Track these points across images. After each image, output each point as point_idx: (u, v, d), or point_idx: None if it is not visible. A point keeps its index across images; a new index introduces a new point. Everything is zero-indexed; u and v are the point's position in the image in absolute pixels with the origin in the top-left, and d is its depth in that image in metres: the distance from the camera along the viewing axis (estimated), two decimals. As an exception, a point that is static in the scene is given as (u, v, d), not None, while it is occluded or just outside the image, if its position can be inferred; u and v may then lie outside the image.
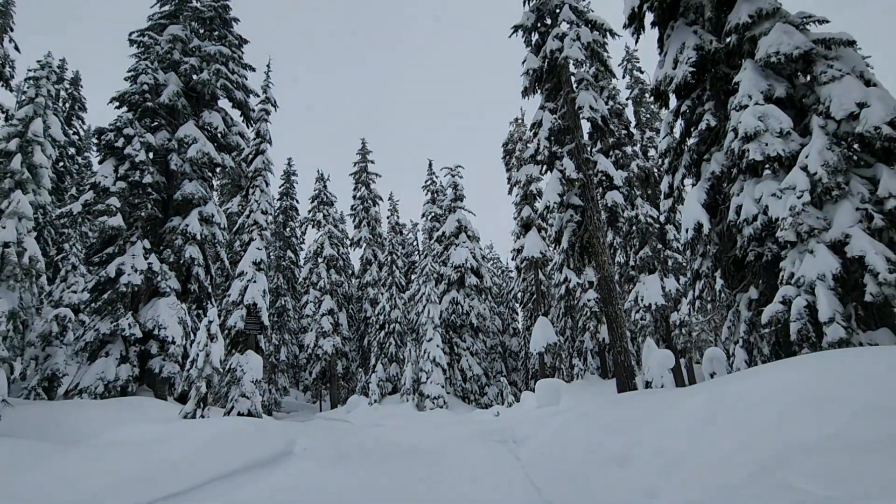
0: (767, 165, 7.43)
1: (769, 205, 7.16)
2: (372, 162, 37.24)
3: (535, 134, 15.21)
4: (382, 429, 19.63)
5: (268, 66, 15.73)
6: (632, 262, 19.56)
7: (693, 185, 9.24)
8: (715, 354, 9.81)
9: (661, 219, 10.14)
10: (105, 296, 16.01)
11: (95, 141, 17.31)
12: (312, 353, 31.27)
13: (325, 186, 35.48)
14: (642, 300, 18.39)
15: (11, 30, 26.95)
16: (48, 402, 16.60)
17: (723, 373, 9.69)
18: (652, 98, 10.30)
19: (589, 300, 17.36)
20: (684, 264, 19.00)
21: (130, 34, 20.32)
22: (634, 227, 19.18)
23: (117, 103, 18.47)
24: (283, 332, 36.60)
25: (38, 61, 12.25)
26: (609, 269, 13.50)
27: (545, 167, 15.33)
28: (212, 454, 7.33)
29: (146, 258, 16.68)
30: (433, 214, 36.12)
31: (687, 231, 8.61)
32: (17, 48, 26.96)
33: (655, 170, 20.54)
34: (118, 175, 16.98)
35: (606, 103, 18.03)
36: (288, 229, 39.30)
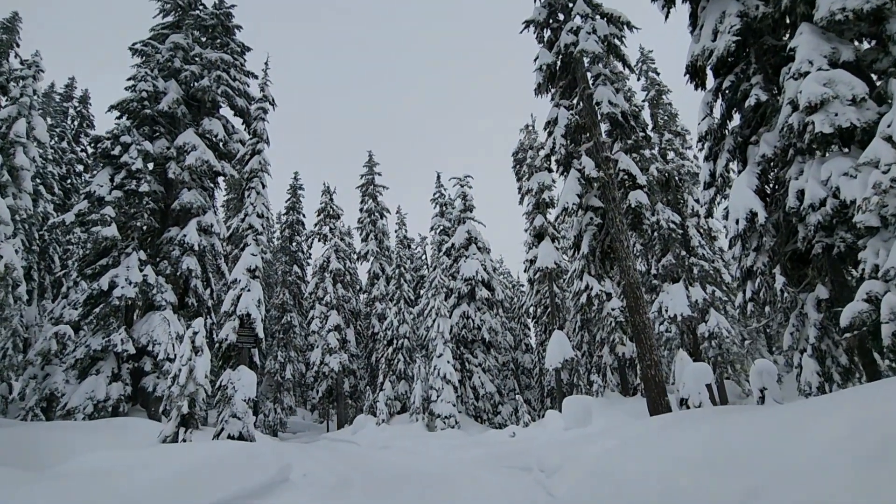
0: (835, 141, 6.40)
1: (841, 186, 6.11)
2: (379, 174, 36.58)
3: (550, 133, 14.29)
4: (390, 451, 18.42)
5: (265, 63, 15.12)
6: (653, 271, 18.42)
7: (739, 171, 8.19)
8: (765, 367, 8.67)
9: (702, 212, 9.10)
10: (97, 310, 15.19)
11: (91, 150, 16.70)
12: (319, 370, 30.16)
13: (331, 199, 34.79)
14: (666, 311, 17.20)
15: (18, 45, 26.85)
16: (32, 423, 15.67)
17: (775, 388, 8.54)
18: (687, 77, 9.33)
19: (613, 309, 16.20)
20: (711, 272, 17.81)
21: (133, 44, 19.92)
22: (656, 234, 18.08)
23: (117, 112, 17.91)
24: (289, 349, 35.59)
25: (24, 61, 11.63)
26: (634, 276, 12.39)
27: (561, 168, 14.36)
28: (187, 486, 6.29)
29: (141, 270, 15.87)
30: (442, 227, 35.24)
31: (737, 222, 7.53)
32: (22, 62, 26.82)
33: (676, 174, 19.50)
34: (114, 184, 16.30)
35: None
36: (294, 244, 38.59)
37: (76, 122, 35.28)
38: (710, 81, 8.82)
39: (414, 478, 10.80)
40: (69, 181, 30.25)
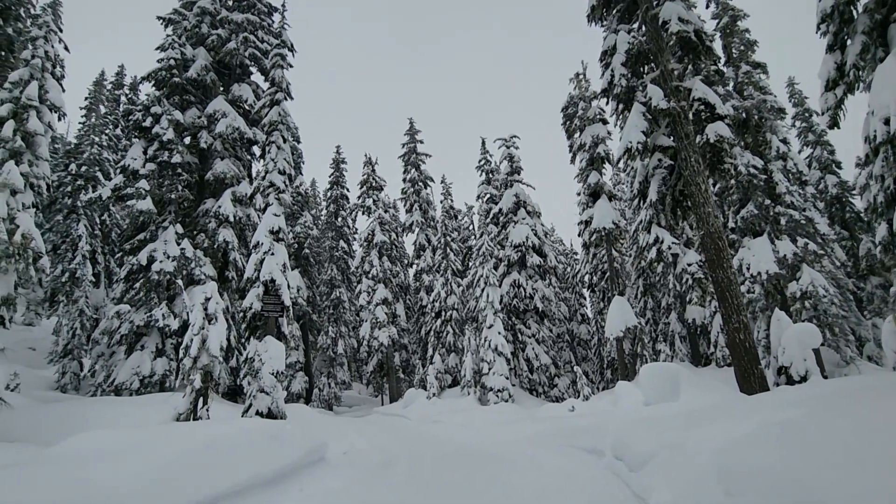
0: None
1: None
2: (421, 142, 35.16)
3: (607, 65, 12.29)
4: (440, 426, 17.49)
5: (283, 6, 13.89)
6: (731, 224, 16.10)
7: (881, 59, 6.15)
8: (910, 322, 6.79)
9: (825, 121, 7.11)
10: (137, 285, 14.95)
11: (124, 123, 16.39)
12: (369, 344, 29.75)
13: (373, 170, 33.85)
14: (748, 269, 14.98)
15: (60, 30, 27.14)
16: (84, 398, 15.86)
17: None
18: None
19: (689, 265, 14.11)
20: (803, 222, 15.30)
21: (159, 16, 19.32)
22: (733, 182, 15.71)
23: (151, 82, 17.41)
24: (340, 324, 35.50)
25: (33, 14, 10.98)
26: (715, 224, 10.42)
27: (621, 106, 12.39)
28: (182, 474, 5.35)
29: (178, 244, 15.46)
30: (489, 195, 33.54)
31: (886, 122, 5.57)
32: (66, 48, 27.06)
33: (756, 111, 16.84)
34: (147, 156, 15.87)
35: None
36: (339, 219, 38.16)
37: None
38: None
39: (465, 458, 9.66)
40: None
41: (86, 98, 37.04)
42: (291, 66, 18.56)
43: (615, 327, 19.89)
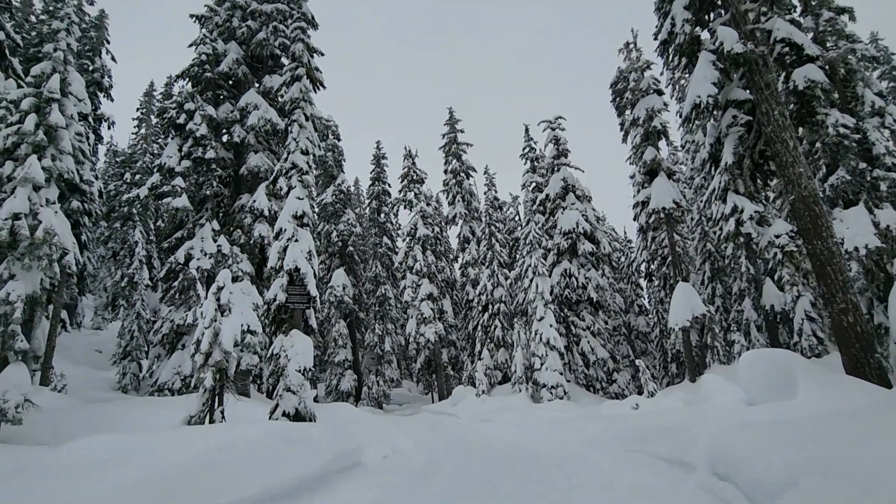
0: None
1: None
2: (461, 131, 34.07)
3: (666, 13, 10.72)
4: (491, 425, 16.38)
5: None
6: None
7: None
8: None
9: None
10: (176, 283, 14.75)
11: (159, 122, 16.33)
12: (416, 341, 29.01)
13: (413, 163, 33.07)
14: (841, 244, 12.87)
15: (108, 42, 27.96)
16: (123, 398, 15.87)
17: None
18: None
19: (777, 236, 12.19)
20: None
21: (191, 14, 19.22)
22: (819, 144, 13.62)
23: (186, 80, 17.29)
24: (386, 321, 35.01)
25: (51, 9, 10.75)
26: (809, 186, 8.70)
27: (684, 59, 10.78)
28: (193, 483, 4.53)
29: (215, 240, 15.15)
30: (535, 184, 31.97)
31: None
32: (113, 59, 27.83)
33: (842, 63, 14.58)
34: (182, 154, 15.68)
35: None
36: (382, 215, 37.71)
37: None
38: None
39: (518, 463, 8.51)
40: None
41: (137, 109, 38.41)
42: (319, 53, 17.91)
43: (680, 316, 18.01)
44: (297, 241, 9.00)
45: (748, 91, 9.84)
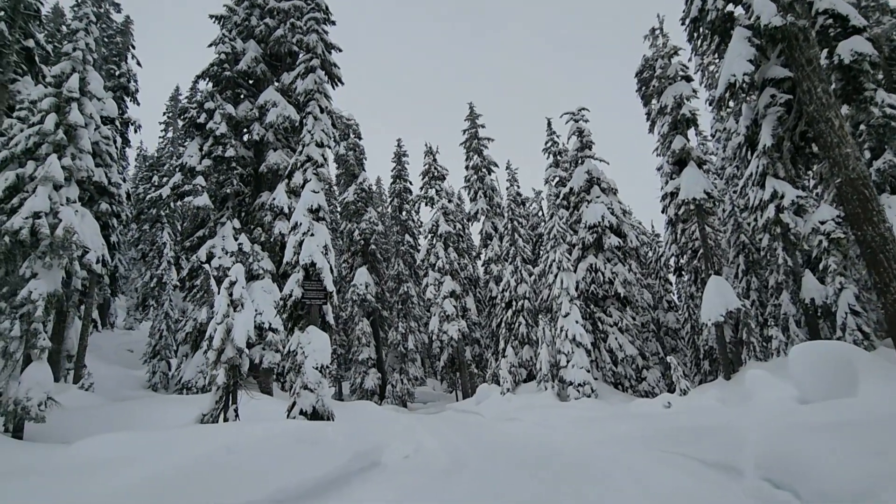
0: None
1: None
2: (482, 126, 33.63)
3: (696, -11, 10.12)
4: (516, 424, 15.96)
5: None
6: (863, 179, 13.08)
7: None
8: None
9: None
10: (198, 282, 14.82)
11: (181, 122, 16.43)
12: (438, 338, 28.75)
13: (434, 160, 32.80)
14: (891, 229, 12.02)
15: (133, 47, 28.50)
16: (148, 396, 16.01)
17: None
18: None
19: (822, 222, 11.37)
20: (967, 167, 12.08)
21: (211, 14, 19.34)
22: (864, 126, 12.77)
23: (206, 80, 17.38)
24: (409, 319, 34.86)
25: (72, 7, 10.79)
26: (857, 167, 8.04)
27: (716, 39, 10.16)
28: (202, 483, 4.32)
29: (236, 238, 15.16)
30: (558, 178, 31.31)
31: None
32: (139, 63, 28.36)
33: (886, 39, 13.66)
34: (203, 153, 15.74)
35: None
36: (404, 213, 37.57)
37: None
38: None
39: (543, 463, 8.14)
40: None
41: (163, 113, 39.17)
42: (337, 49, 17.74)
43: (713, 311, 17.25)
44: (312, 235, 8.79)
45: (787, 68, 9.19)
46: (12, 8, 13.23)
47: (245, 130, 17.09)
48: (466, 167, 33.48)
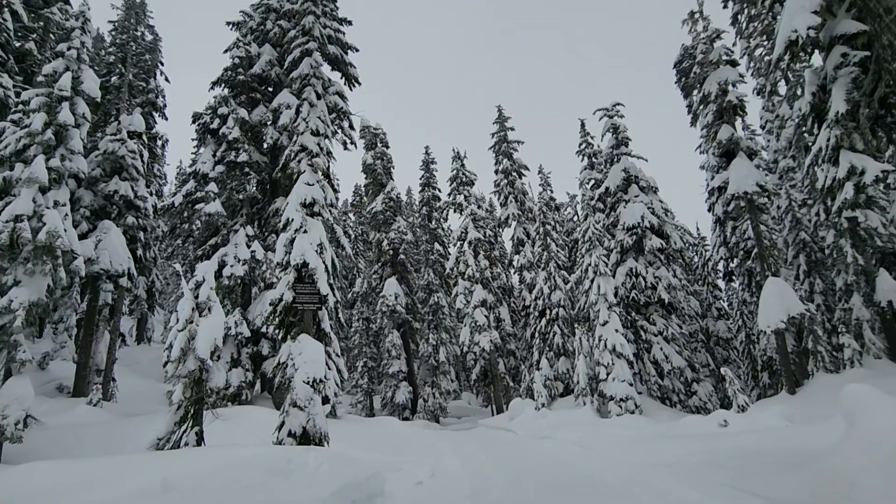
0: None
1: None
2: (511, 129, 32.49)
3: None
4: (551, 444, 14.47)
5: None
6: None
7: None
8: None
9: None
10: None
11: (195, 129, 16.14)
12: (470, 349, 27.46)
13: (462, 165, 31.84)
14: None
15: (162, 63, 28.99)
16: (165, 411, 15.47)
17: None
18: None
19: None
20: None
21: (228, 21, 19.13)
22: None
23: (222, 86, 17.06)
24: (440, 330, 33.73)
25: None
26: (964, 129, 6.44)
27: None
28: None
29: (249, 246, 14.53)
30: (593, 181, 29.73)
31: None
32: (167, 79, 28.78)
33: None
34: (216, 159, 15.29)
35: None
36: (433, 222, 36.69)
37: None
38: None
39: (579, 493, 6.84)
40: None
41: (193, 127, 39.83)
42: (354, 49, 17.08)
43: (773, 317, 15.31)
44: (305, 231, 7.87)
45: (861, 21, 7.66)
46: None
47: (263, 136, 16.61)
48: (496, 171, 32.34)
